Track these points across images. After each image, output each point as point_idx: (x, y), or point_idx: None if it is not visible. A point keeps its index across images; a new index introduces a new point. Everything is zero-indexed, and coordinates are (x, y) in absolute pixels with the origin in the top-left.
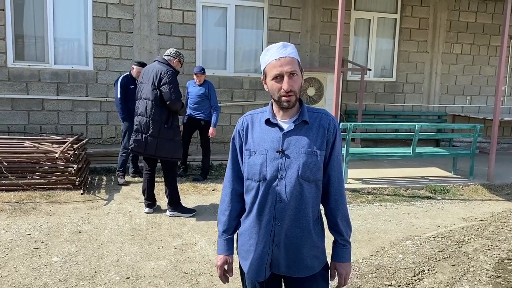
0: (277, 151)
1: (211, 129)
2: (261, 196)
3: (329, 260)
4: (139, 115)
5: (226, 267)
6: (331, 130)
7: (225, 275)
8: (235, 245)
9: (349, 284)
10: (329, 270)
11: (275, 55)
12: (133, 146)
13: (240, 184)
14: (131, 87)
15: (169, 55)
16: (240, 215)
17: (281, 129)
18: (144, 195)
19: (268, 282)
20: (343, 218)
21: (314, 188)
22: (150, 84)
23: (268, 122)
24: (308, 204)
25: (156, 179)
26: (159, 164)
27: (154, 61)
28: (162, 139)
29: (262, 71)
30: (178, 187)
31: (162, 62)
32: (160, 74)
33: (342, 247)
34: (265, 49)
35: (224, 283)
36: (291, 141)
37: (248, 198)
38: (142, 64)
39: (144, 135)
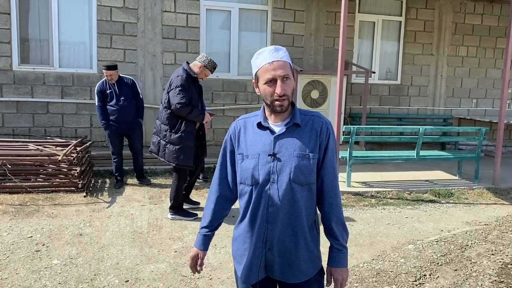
0: (268, 155)
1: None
2: (254, 200)
3: (325, 266)
4: (157, 119)
5: (196, 261)
6: (323, 133)
7: (195, 266)
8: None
9: None
10: (325, 276)
11: (267, 59)
12: (150, 148)
13: (226, 188)
14: (108, 91)
15: (196, 59)
16: (223, 217)
17: (272, 132)
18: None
19: (262, 285)
20: (338, 222)
21: (307, 191)
22: (166, 88)
23: (260, 125)
24: (301, 208)
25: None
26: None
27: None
28: (170, 144)
29: (253, 75)
30: None
31: (183, 67)
32: (172, 78)
33: (337, 251)
34: (256, 53)
35: (194, 273)
36: (283, 144)
37: (242, 203)
38: (109, 67)
39: (158, 138)
